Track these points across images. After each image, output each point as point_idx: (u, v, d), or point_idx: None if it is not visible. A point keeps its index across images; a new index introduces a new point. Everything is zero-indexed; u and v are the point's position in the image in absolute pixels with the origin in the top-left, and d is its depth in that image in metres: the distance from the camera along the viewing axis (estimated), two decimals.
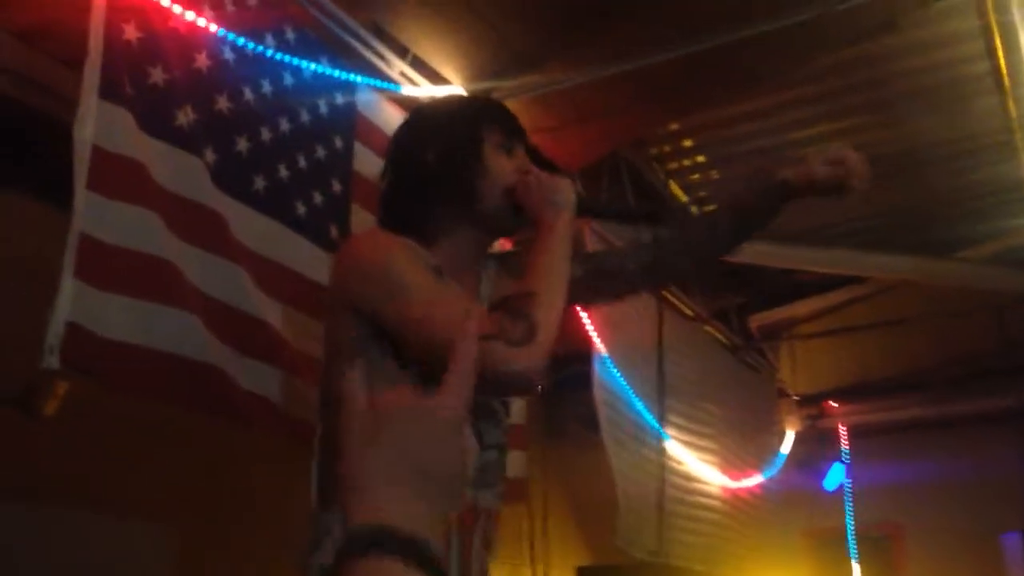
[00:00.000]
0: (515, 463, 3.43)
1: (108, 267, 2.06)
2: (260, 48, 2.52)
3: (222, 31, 2.38)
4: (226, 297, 2.37)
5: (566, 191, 1.70)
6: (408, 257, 1.61)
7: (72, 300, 1.96)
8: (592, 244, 3.87)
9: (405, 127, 1.84)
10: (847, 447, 6.62)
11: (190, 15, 2.29)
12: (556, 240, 1.64)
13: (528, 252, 1.67)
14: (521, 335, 1.49)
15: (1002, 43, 3.59)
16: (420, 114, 1.88)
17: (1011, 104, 3.95)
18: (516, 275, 1.80)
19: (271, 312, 2.49)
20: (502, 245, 2.07)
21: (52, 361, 1.94)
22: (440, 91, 3.34)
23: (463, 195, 1.70)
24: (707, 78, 3.63)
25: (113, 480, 3.01)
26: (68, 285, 1.96)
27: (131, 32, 2.13)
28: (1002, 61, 3.68)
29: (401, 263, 1.60)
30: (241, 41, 2.44)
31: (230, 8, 2.47)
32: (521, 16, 3.31)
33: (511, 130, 1.77)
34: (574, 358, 4.25)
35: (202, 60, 2.34)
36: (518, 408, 3.46)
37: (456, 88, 3.40)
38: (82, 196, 1.99)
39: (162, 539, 3.07)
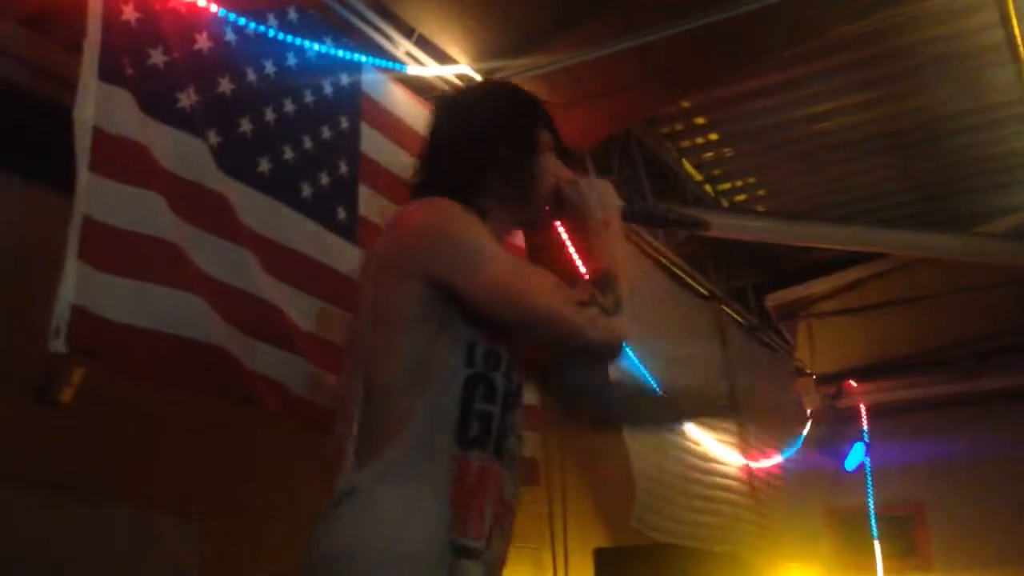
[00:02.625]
0: (528, 444, 3.43)
1: (113, 249, 2.05)
2: (262, 29, 2.50)
3: (223, 11, 2.37)
4: (232, 279, 2.37)
5: (613, 195, 1.87)
6: (479, 225, 1.71)
7: (77, 283, 1.96)
8: None
9: (472, 104, 1.94)
10: (867, 426, 6.57)
11: None
12: (617, 235, 1.82)
13: (590, 244, 1.82)
14: (612, 305, 1.65)
15: (1016, 11, 3.53)
16: (491, 94, 2.00)
17: None
18: None
19: (277, 294, 2.49)
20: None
21: (58, 344, 1.94)
22: (446, 71, 3.32)
23: (518, 186, 1.83)
24: (716, 53, 3.60)
25: (131, 469, 3.02)
26: (72, 268, 1.96)
27: (130, 13, 2.12)
28: (1016, 29, 3.62)
29: (476, 232, 1.69)
30: (243, 22, 2.43)
31: None
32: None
33: (556, 135, 1.92)
34: None
35: (203, 41, 2.33)
36: (530, 390, 3.45)
37: (463, 68, 3.38)
38: (84, 178, 1.99)
39: (180, 528, 3.09)
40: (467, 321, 1.67)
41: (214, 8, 2.34)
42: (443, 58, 3.35)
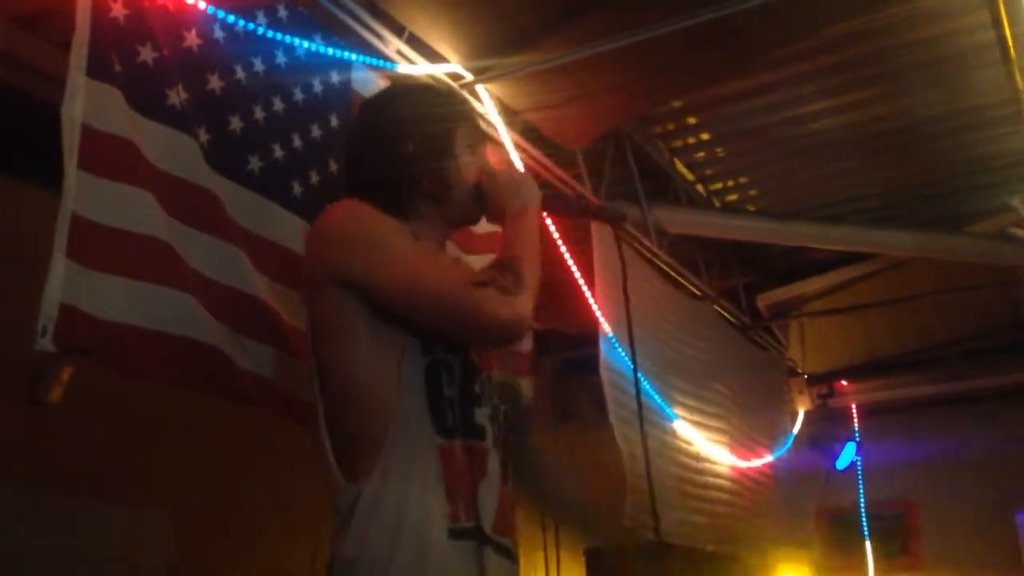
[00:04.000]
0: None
1: (102, 247, 2.04)
2: (252, 26, 2.50)
3: (212, 8, 2.36)
4: (223, 277, 2.36)
5: (532, 186, 1.90)
6: (387, 222, 1.72)
7: (64, 281, 1.95)
8: None
9: (381, 109, 1.96)
10: (858, 425, 6.59)
11: None
12: (530, 222, 1.83)
13: (504, 232, 1.84)
14: (511, 284, 1.64)
15: (1007, 12, 3.54)
16: (398, 98, 1.99)
17: (1017, 75, 3.90)
18: None
19: (268, 291, 2.48)
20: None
21: (46, 343, 1.92)
22: (437, 69, 3.32)
23: (435, 184, 1.85)
24: (708, 53, 3.59)
25: (121, 467, 3.02)
26: (60, 266, 1.95)
27: (118, 10, 2.11)
28: (1007, 30, 3.62)
29: (382, 228, 1.70)
30: (232, 19, 2.42)
31: None
32: None
33: (477, 130, 1.98)
34: (583, 340, 4.23)
35: (192, 38, 2.32)
36: (525, 387, 3.44)
37: (454, 66, 3.38)
38: (72, 175, 1.98)
39: (163, 524, 3.08)
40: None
41: (203, 5, 2.34)
42: (434, 56, 3.34)
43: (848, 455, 6.50)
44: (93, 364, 2.12)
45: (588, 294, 4.05)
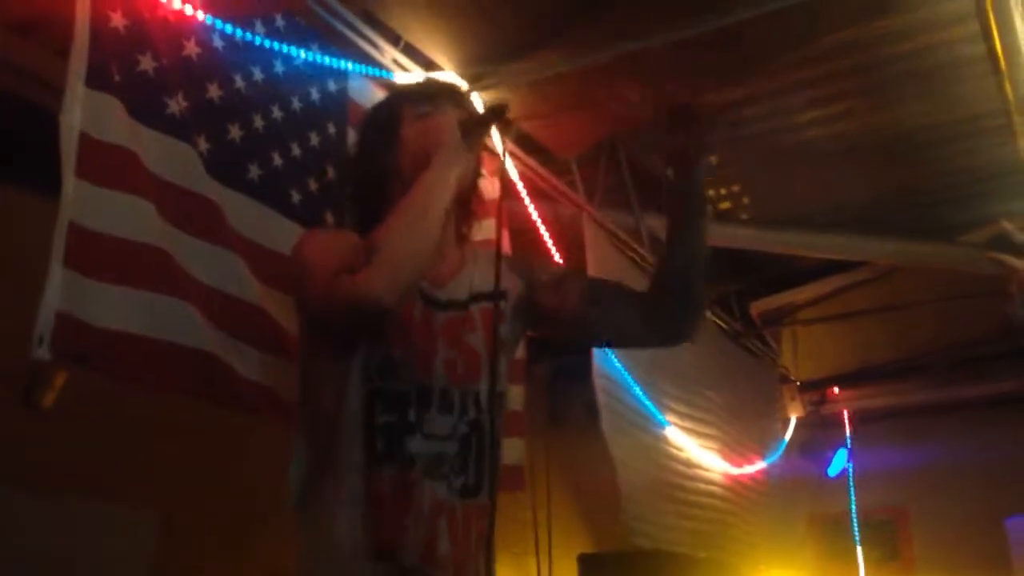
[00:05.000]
0: (512, 451, 3.44)
1: (99, 256, 2.06)
2: (250, 36, 2.52)
3: (210, 19, 2.38)
4: (222, 285, 2.38)
5: (443, 131, 1.76)
6: (324, 241, 1.75)
7: (62, 289, 1.97)
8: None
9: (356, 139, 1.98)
10: (850, 432, 6.62)
11: (177, 3, 2.29)
12: (426, 177, 1.68)
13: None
14: (361, 262, 1.56)
15: (997, 24, 3.57)
16: (362, 126, 1.98)
17: (1007, 86, 3.93)
18: (522, 273, 1.90)
19: (267, 299, 2.50)
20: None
21: (42, 352, 1.94)
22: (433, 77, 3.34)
23: (384, 173, 1.80)
24: (701, 63, 3.62)
25: (103, 468, 3.03)
26: (57, 274, 1.97)
27: (118, 20, 2.13)
28: (997, 43, 3.66)
29: (313, 247, 1.71)
30: (230, 29, 2.44)
31: None
32: (514, 2, 3.30)
33: (428, 95, 1.87)
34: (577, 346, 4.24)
35: (191, 48, 2.34)
36: (516, 395, 3.46)
37: (449, 75, 3.40)
38: (70, 184, 2.00)
39: (152, 526, 3.09)
40: (353, 336, 1.69)
41: (202, 16, 2.36)
42: (430, 65, 3.36)
43: (840, 462, 6.53)
44: (89, 371, 2.13)
45: None
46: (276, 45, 2.62)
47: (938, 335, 6.06)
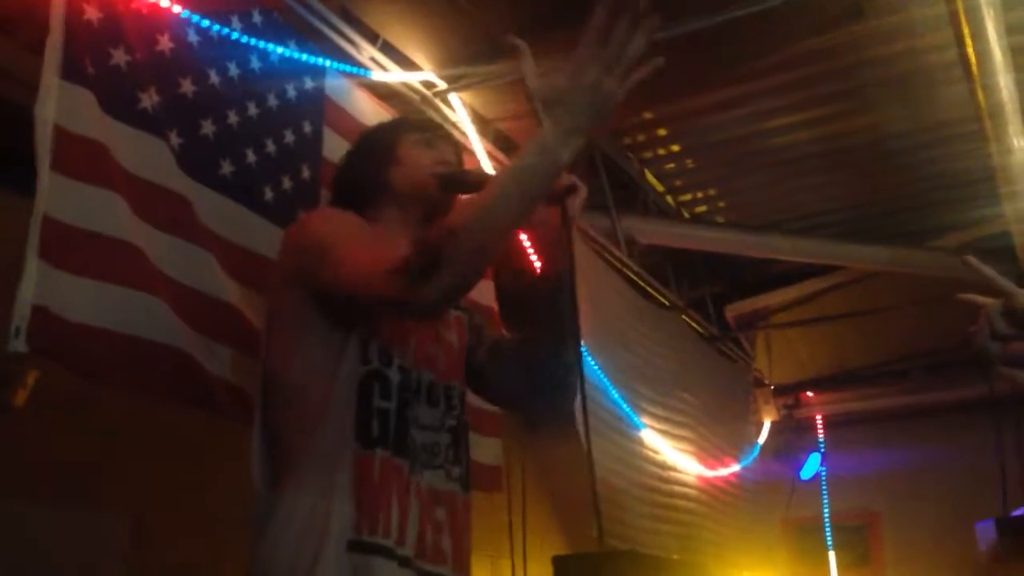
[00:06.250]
0: (490, 450, 3.44)
1: (73, 249, 2.04)
2: (226, 31, 2.50)
3: (186, 12, 2.36)
4: (194, 282, 2.36)
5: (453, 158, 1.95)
6: (342, 218, 1.78)
7: (37, 282, 1.95)
8: None
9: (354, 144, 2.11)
10: (823, 436, 6.66)
11: None
12: (492, 181, 1.67)
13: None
14: (423, 266, 1.50)
15: (969, 30, 3.60)
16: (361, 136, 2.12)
17: (980, 92, 3.95)
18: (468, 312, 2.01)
19: (239, 297, 2.48)
20: None
21: (18, 345, 1.92)
22: (410, 77, 3.34)
23: (374, 185, 1.91)
24: (678, 66, 3.62)
25: (75, 473, 2.99)
26: (33, 267, 1.94)
27: (92, 12, 2.11)
28: (970, 49, 3.68)
29: (336, 224, 1.75)
30: (206, 23, 2.43)
31: None
32: (495, 7, 3.29)
33: (428, 129, 2.02)
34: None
35: (165, 42, 2.32)
36: None
37: (427, 74, 3.40)
38: (45, 177, 1.98)
39: (116, 527, 3.06)
40: (357, 318, 1.70)
41: (177, 10, 2.34)
42: (408, 64, 3.36)
43: (812, 465, 6.57)
44: (60, 367, 2.11)
45: None
46: (253, 41, 2.60)
47: (910, 340, 6.10)
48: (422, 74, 3.39)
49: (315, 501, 1.61)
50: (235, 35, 2.53)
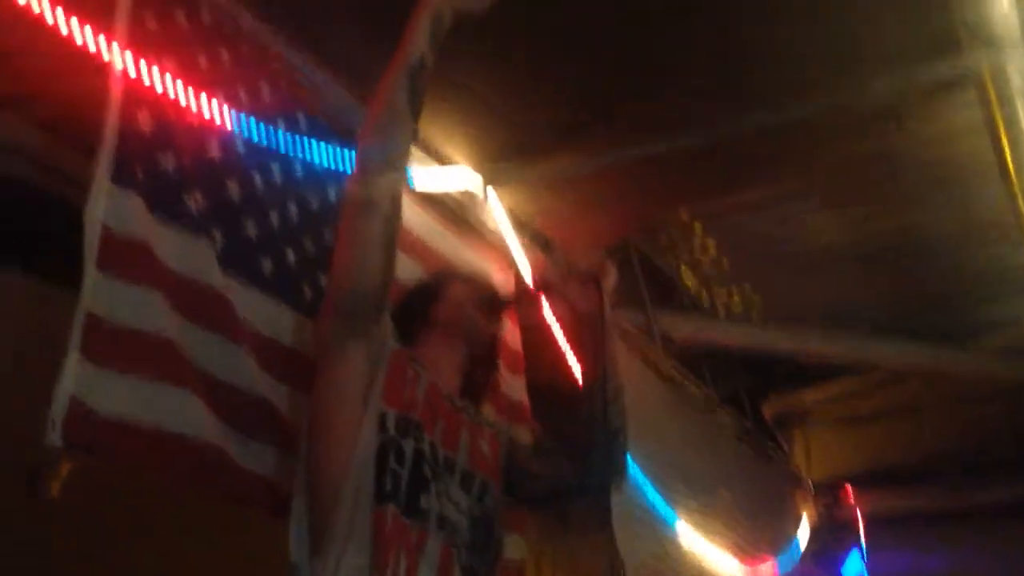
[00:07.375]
0: (515, 546, 3.41)
1: (112, 346, 2.08)
2: (271, 135, 2.58)
3: (234, 121, 2.45)
4: (229, 377, 2.39)
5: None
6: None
7: (76, 377, 1.99)
8: None
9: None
10: (864, 536, 6.50)
11: (203, 106, 2.36)
12: None
13: None
14: None
15: (1007, 136, 3.63)
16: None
17: (1018, 193, 3.98)
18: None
19: (275, 393, 2.51)
20: None
21: (55, 438, 1.96)
22: (450, 174, 3.41)
23: (417, 316, 2.19)
24: (713, 166, 3.69)
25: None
26: (73, 362, 1.99)
27: (145, 121, 2.20)
28: (1007, 154, 3.71)
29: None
30: (252, 131, 2.50)
31: (243, 97, 2.54)
32: (532, 110, 3.37)
33: (473, 276, 2.40)
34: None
35: (213, 149, 2.41)
36: (521, 436, 3.43)
37: (465, 169, 3.47)
38: (91, 275, 2.04)
39: None
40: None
41: (226, 117, 2.42)
42: (445, 160, 3.43)
43: (854, 565, 6.41)
44: (95, 460, 2.14)
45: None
46: (296, 144, 2.67)
47: (950, 439, 5.99)
48: (459, 168, 3.45)
49: (340, 556, 1.74)
50: (280, 140, 2.60)
